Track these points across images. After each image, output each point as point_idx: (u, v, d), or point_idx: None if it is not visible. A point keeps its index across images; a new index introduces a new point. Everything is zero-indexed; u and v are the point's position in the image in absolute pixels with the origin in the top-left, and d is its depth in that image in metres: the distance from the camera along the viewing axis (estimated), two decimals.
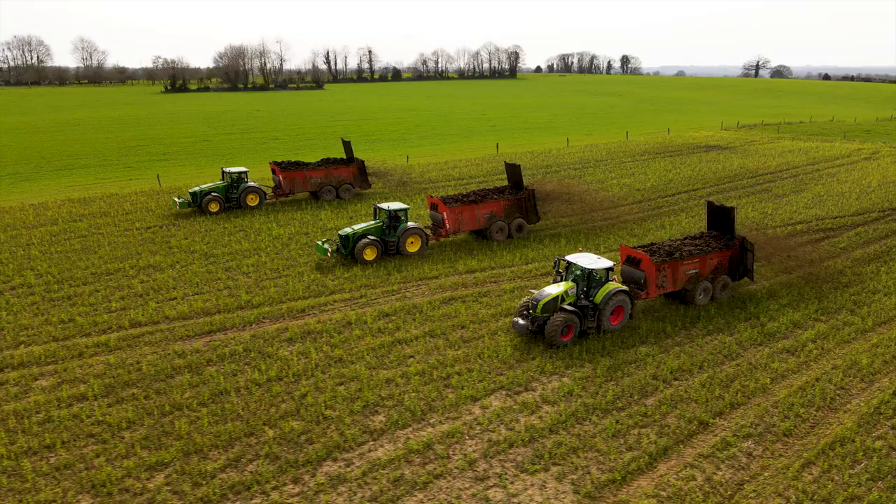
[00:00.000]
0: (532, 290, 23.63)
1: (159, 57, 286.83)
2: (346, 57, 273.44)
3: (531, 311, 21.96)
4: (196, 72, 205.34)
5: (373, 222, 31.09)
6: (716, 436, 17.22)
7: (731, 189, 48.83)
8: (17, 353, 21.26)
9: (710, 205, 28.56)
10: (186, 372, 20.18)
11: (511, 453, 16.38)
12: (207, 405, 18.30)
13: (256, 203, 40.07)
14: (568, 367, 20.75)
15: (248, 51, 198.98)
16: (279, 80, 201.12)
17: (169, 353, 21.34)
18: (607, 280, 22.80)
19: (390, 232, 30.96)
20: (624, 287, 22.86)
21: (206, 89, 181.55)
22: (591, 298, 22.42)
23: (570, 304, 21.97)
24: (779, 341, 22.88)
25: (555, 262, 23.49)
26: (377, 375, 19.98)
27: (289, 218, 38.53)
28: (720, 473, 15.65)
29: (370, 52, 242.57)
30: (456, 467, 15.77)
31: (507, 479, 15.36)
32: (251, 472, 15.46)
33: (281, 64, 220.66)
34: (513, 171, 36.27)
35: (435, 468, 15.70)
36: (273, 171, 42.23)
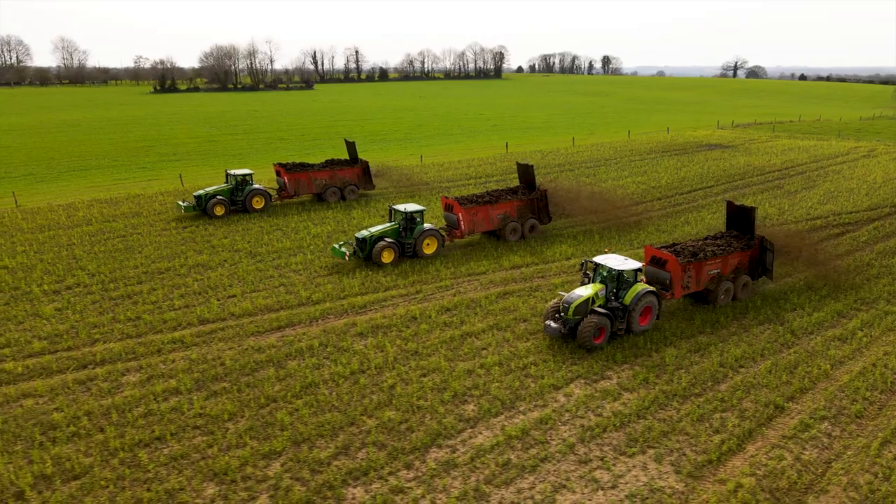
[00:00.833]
0: (562, 293, 23.46)
1: (140, 56, 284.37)
2: (332, 57, 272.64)
3: (563, 314, 21.69)
4: (181, 72, 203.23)
5: (389, 224, 30.75)
6: (793, 418, 18.10)
7: (743, 186, 50.11)
8: (95, 350, 21.54)
9: (729, 204, 28.59)
10: (269, 366, 20.63)
11: (605, 437, 17.11)
12: (301, 397, 18.79)
13: (262, 206, 39.35)
14: (636, 356, 21.56)
15: (237, 51, 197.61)
16: (268, 81, 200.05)
17: (246, 348, 21.76)
18: (636, 281, 22.61)
19: (407, 234, 30.66)
20: (651, 288, 22.70)
21: (196, 90, 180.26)
22: (621, 300, 22.37)
23: (600, 306, 21.91)
24: (827, 330, 23.90)
25: (581, 264, 23.32)
26: (457, 367, 20.60)
27: (321, 217, 38.94)
28: (807, 453, 16.52)
29: (357, 52, 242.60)
30: (557, 451, 16.46)
31: (609, 461, 16.09)
32: (363, 459, 16.02)
33: (271, 64, 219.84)
34: (525, 171, 36.28)
35: (538, 452, 16.38)
36: (278, 173, 41.73)
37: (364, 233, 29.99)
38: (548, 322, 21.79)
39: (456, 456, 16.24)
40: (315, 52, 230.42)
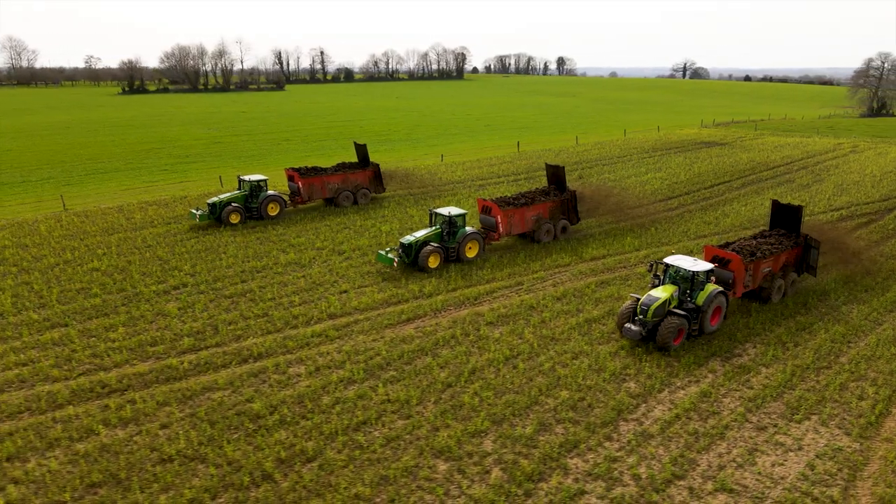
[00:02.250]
0: (634, 294, 23.41)
1: (91, 56, 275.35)
2: (298, 58, 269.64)
3: (642, 316, 21.74)
4: (142, 72, 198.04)
5: (432, 229, 30.34)
6: None
7: (758, 181, 52.93)
8: (245, 345, 22.09)
9: (775, 203, 29.04)
10: (423, 355, 21.58)
11: (768, 407, 18.77)
12: (472, 381, 19.85)
13: (277, 212, 38.19)
14: (754, 334, 23.37)
15: (205, 51, 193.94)
16: (240, 81, 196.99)
17: (387, 339, 22.64)
18: (707, 282, 22.82)
19: (450, 238, 30.39)
20: (721, 288, 22.86)
21: (165, 90, 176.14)
22: (693, 300, 22.57)
23: (675, 307, 22.15)
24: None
25: (650, 266, 23.42)
26: (600, 350, 21.98)
27: (379, 215, 39.69)
28: None
29: (322, 52, 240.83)
30: (734, 420, 18.03)
31: (783, 427, 17.73)
32: (563, 434, 17.23)
33: (242, 64, 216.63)
34: (555, 172, 36.45)
35: (717, 422, 17.92)
36: (291, 178, 40.52)
37: (409, 238, 29.54)
38: (627, 325, 21.84)
39: (646, 427, 17.62)
40: (280, 53, 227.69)
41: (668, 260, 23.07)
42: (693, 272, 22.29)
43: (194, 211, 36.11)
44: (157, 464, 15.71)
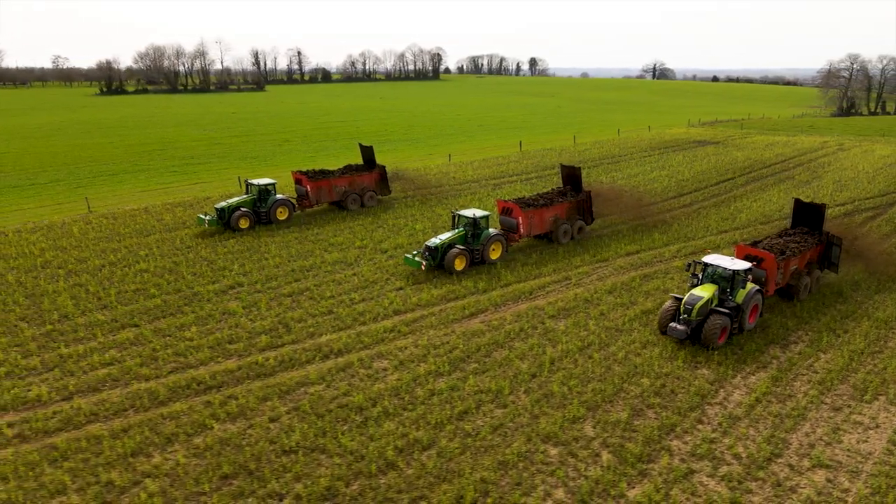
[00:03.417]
0: (674, 295, 23.55)
1: (59, 56, 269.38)
2: (275, 58, 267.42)
3: (686, 315, 21.97)
4: (119, 73, 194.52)
5: (456, 231, 30.19)
6: None
7: (759, 178, 54.71)
8: (321, 341, 22.52)
9: (797, 202, 29.55)
10: (497, 347, 22.29)
11: (837, 390, 19.91)
12: (554, 371, 20.61)
13: (286, 217, 37.48)
14: (803, 322, 24.59)
15: (184, 51, 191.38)
16: (219, 82, 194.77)
17: (459, 333, 23.28)
18: (746, 280, 23.17)
19: (474, 240, 30.35)
20: (759, 287, 23.27)
21: (145, 91, 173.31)
22: (733, 299, 22.85)
23: (716, 306, 22.44)
24: None
25: (688, 265, 23.80)
26: (665, 339, 22.91)
27: (409, 214, 40.22)
28: None
29: (299, 53, 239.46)
30: (809, 402, 19.12)
31: (856, 407, 18.87)
32: (656, 418, 18.11)
33: (222, 65, 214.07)
34: (571, 172, 36.72)
35: (795, 404, 18.98)
36: (298, 182, 39.79)
37: (435, 241, 29.35)
38: (672, 325, 22.00)
39: (731, 410, 18.59)
40: (257, 53, 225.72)
41: (707, 259, 23.43)
42: (733, 271, 22.65)
43: (202, 216, 35.12)
44: (280, 455, 16.13)
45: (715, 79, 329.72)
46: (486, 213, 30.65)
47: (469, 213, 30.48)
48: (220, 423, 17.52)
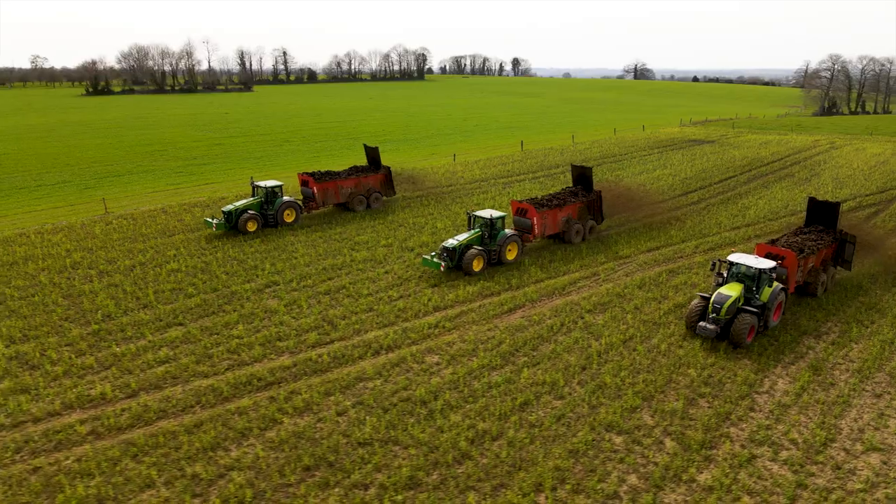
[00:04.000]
0: (700, 294, 23.75)
1: (38, 56, 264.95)
2: (261, 58, 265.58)
3: (715, 315, 22.25)
4: (106, 73, 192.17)
5: (473, 232, 30.19)
6: None
7: (759, 176, 55.92)
8: (368, 338, 22.86)
9: (812, 200, 30.17)
10: (542, 341, 22.81)
11: (876, 377, 20.71)
12: (603, 363, 21.16)
13: (293, 219, 37.02)
14: (831, 314, 25.42)
15: (171, 51, 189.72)
16: (206, 82, 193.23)
17: (502, 328, 23.75)
18: (771, 278, 23.43)
19: (490, 241, 30.46)
20: (783, 285, 23.69)
21: (132, 91, 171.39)
22: (759, 297, 23.07)
23: (744, 305, 22.78)
24: None
25: (713, 264, 24.01)
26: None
27: (427, 213, 40.60)
28: None
29: (285, 53, 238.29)
30: (852, 390, 19.88)
31: (893, 394, 19.68)
32: (709, 407, 18.73)
33: (209, 65, 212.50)
34: (582, 172, 37.17)
35: (839, 391, 19.74)
36: (305, 183, 39.35)
37: (452, 242, 29.34)
38: (702, 324, 22.27)
39: (779, 399, 19.28)
40: (242, 53, 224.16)
41: (732, 258, 23.71)
42: (759, 270, 22.98)
43: (210, 220, 34.71)
44: (356, 447, 16.48)
45: (695, 79, 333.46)
46: (502, 213, 30.79)
47: (485, 213, 30.56)
48: (290, 417, 17.82)
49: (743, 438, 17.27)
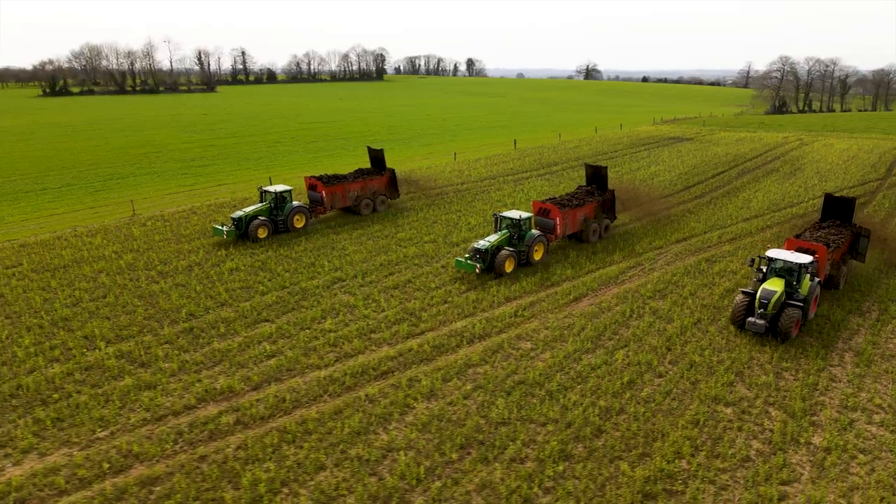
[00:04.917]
0: (743, 290, 24.38)
1: None
2: (219, 58, 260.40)
3: (762, 310, 22.93)
4: (64, 72, 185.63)
5: (501, 233, 30.48)
6: None
7: (746, 171, 58.85)
8: (453, 328, 23.82)
9: (828, 196, 31.33)
10: (619, 326, 24.21)
11: None
12: (685, 344, 22.69)
13: (302, 224, 36.49)
14: (864, 298, 27.67)
15: (133, 51, 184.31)
16: (169, 82, 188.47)
17: (577, 314, 25.08)
18: (810, 273, 24.30)
19: (519, 241, 30.81)
20: (819, 279, 24.59)
21: (91, 92, 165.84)
22: (799, 290, 23.94)
23: (787, 299, 23.57)
24: None
25: (751, 261, 24.67)
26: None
27: (454, 209, 41.59)
28: None
29: (244, 53, 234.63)
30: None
31: None
32: (795, 379, 20.46)
33: (171, 65, 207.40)
34: (596, 172, 37.98)
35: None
36: (312, 187, 38.76)
37: (483, 243, 29.47)
38: (751, 319, 23.02)
39: (851, 370, 21.17)
40: (200, 53, 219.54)
41: (770, 254, 24.49)
42: (799, 264, 23.83)
43: (219, 227, 33.53)
44: (497, 426, 17.48)
45: (645, 79, 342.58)
46: (529, 214, 31.14)
47: (513, 214, 30.88)
48: (420, 402, 18.66)
49: (836, 405, 19.00)
